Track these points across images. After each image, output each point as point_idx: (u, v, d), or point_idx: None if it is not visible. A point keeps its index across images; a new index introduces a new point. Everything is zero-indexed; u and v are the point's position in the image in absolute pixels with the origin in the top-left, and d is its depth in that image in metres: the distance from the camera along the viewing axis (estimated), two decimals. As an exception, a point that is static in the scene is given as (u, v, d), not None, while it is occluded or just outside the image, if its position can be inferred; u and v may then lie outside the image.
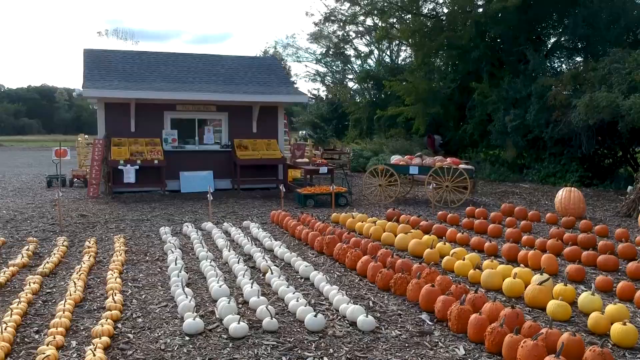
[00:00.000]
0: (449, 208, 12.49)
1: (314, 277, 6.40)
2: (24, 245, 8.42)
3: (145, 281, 6.56)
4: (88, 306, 5.63)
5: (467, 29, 20.74)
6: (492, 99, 20.01)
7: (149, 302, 5.80)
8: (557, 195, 11.66)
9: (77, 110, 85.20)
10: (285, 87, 15.98)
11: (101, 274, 6.83)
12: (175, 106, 14.75)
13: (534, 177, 18.60)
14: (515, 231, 9.07)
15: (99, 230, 9.77)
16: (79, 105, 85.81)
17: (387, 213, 10.96)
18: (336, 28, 36.44)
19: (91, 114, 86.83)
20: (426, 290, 5.60)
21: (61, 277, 6.72)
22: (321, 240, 8.11)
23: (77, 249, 8.24)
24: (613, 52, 15.97)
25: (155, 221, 10.60)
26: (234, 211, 11.87)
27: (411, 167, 13.40)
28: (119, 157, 13.58)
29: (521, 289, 6.10)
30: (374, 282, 6.49)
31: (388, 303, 5.83)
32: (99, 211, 11.79)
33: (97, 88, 13.70)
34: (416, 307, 5.69)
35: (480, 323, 4.83)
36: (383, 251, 7.29)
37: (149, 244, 8.64)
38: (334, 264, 7.48)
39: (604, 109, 14.21)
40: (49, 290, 6.14)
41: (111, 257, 7.66)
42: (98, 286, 6.33)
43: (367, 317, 5.09)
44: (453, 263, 7.10)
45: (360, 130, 29.08)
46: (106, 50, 16.31)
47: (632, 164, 19.05)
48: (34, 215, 11.13)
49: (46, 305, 5.68)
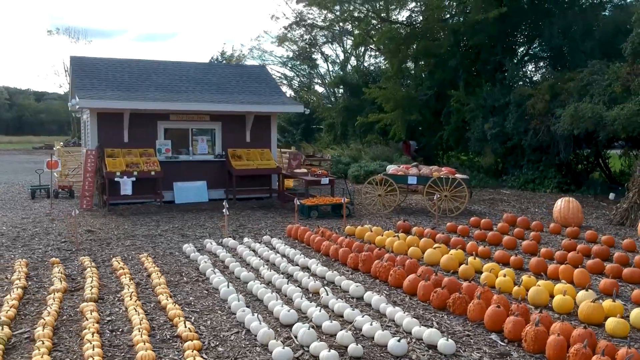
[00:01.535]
0: (447, 217, 12.82)
1: (371, 298, 6.50)
2: (47, 267, 8.21)
3: (200, 305, 6.51)
4: (159, 335, 5.57)
5: (445, 37, 21.24)
6: (470, 107, 20.54)
7: (218, 328, 5.78)
8: (555, 205, 12.12)
9: (19, 110, 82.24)
10: (279, 97, 15.99)
11: (149, 298, 6.75)
12: (169, 116, 14.56)
13: (513, 183, 19.20)
14: (532, 243, 9.43)
15: (115, 247, 9.58)
16: (20, 105, 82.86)
17: (398, 225, 11.16)
18: (303, 32, 36.61)
19: (33, 114, 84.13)
20: (493, 311, 5.79)
21: (110, 302, 6.60)
22: (355, 257, 8.21)
23: (105, 270, 8.07)
24: (592, 64, 16.66)
25: (168, 237, 10.47)
26: (242, 224, 11.83)
27: (410, 177, 13.66)
28: (115, 168, 13.32)
29: (571, 306, 6.38)
30: (426, 301, 6.65)
31: (451, 324, 5.99)
32: (103, 225, 11.54)
33: (92, 98, 13.38)
34: (480, 327, 5.88)
35: (559, 344, 5.05)
36: (424, 268, 7.46)
37: (177, 262, 8.55)
38: (374, 282, 7.60)
39: (589, 119, 14.84)
40: (109, 318, 6.03)
41: (148, 279, 7.56)
42: (155, 312, 6.26)
43: (447, 340, 5.24)
44: (492, 279, 7.33)
45: (335, 136, 29.28)
46: (93, 57, 15.92)
47: (603, 169, 19.93)
48: (38, 232, 10.81)
49: (116, 335, 5.58)
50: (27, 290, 6.99)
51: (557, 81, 17.86)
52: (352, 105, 27.52)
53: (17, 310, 6.18)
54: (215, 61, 39.39)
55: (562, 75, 17.96)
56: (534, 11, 20.83)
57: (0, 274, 7.85)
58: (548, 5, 20.62)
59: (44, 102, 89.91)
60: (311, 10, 34.19)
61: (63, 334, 5.59)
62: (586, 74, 16.55)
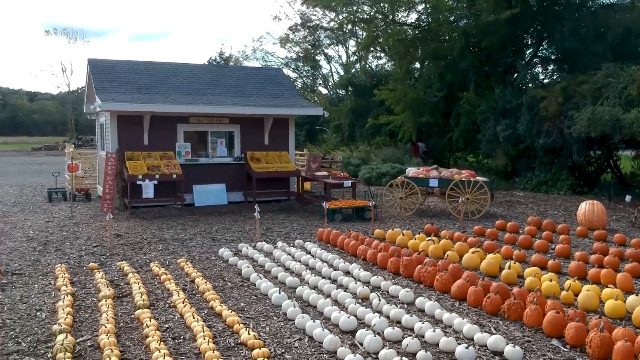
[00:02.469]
0: (469, 220, 12.87)
1: (424, 304, 6.52)
2: (86, 272, 8.19)
3: (254, 311, 6.51)
4: (223, 343, 5.56)
5: (457, 39, 21.31)
6: (481, 109, 20.62)
7: (279, 335, 5.78)
8: (579, 208, 12.18)
9: (12, 110, 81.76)
10: (297, 99, 16.00)
11: (200, 304, 6.74)
12: (188, 119, 14.53)
13: (526, 185, 19.28)
14: (565, 247, 9.48)
15: (148, 252, 9.55)
16: (13, 105, 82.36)
17: (426, 228, 11.18)
18: (306, 33, 36.65)
19: (27, 114, 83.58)
20: (552, 317, 5.82)
21: (162, 308, 6.59)
22: (395, 262, 8.23)
23: (146, 275, 8.05)
24: (606, 66, 16.76)
25: (199, 241, 10.45)
26: (268, 227, 11.82)
27: (431, 180, 13.68)
28: (136, 171, 13.27)
29: (623, 311, 6.42)
30: (477, 307, 6.68)
31: (508, 329, 6.02)
32: (130, 229, 11.51)
33: (114, 101, 13.34)
34: (538, 332, 5.90)
35: (627, 350, 5.09)
36: (469, 274, 7.48)
37: (216, 267, 8.54)
38: (418, 287, 7.62)
39: (606, 122, 14.93)
40: (167, 326, 6.02)
41: (192, 284, 7.56)
42: (210, 318, 6.26)
43: (514, 347, 5.26)
44: (536, 284, 7.36)
45: (342, 137, 29.30)
46: (110, 60, 15.85)
47: (614, 170, 20.05)
48: (67, 236, 10.77)
49: (179, 343, 5.57)
50: (75, 296, 6.96)
51: (569, 84, 17.93)
52: (359, 107, 27.57)
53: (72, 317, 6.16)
54: (213, 62, 39.30)
55: (575, 78, 18.03)
56: (543, 13, 20.93)
57: (42, 279, 7.83)
58: (558, 8, 20.71)
59: (38, 103, 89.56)
60: (315, 12, 34.30)
61: (125, 342, 5.58)
62: (600, 76, 16.64)
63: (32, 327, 5.94)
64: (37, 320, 6.15)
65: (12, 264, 8.64)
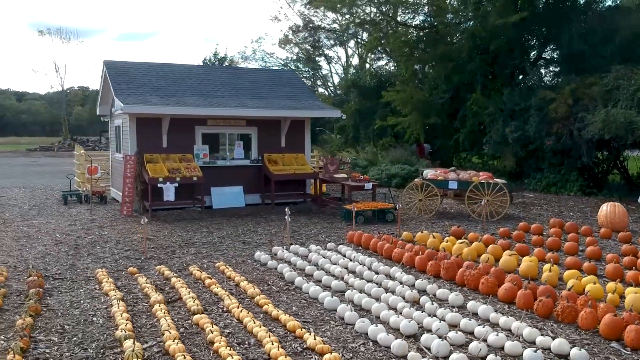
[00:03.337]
0: (489, 222, 12.97)
1: (476, 307, 6.59)
2: (127, 277, 8.18)
3: (308, 315, 6.55)
4: (289, 348, 5.60)
5: (464, 41, 21.43)
6: (489, 110, 20.75)
7: (342, 339, 5.83)
8: (601, 210, 12.32)
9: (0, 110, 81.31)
10: (313, 101, 16.04)
11: (252, 308, 6.76)
12: (206, 121, 14.52)
13: (535, 186, 19.44)
14: (595, 249, 9.60)
15: (182, 256, 9.56)
16: (1, 105, 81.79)
17: (452, 230, 11.27)
18: (307, 34, 36.69)
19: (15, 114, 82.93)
20: (610, 320, 5.91)
21: (216, 313, 6.61)
22: (435, 264, 8.30)
23: (188, 279, 8.06)
24: (616, 69, 16.94)
25: (229, 244, 10.47)
26: (294, 230, 11.83)
27: (450, 182, 13.78)
28: (157, 174, 13.25)
29: (672, 313, 6.52)
30: (527, 310, 6.76)
31: (563, 332, 6.11)
32: (156, 233, 11.50)
33: (135, 104, 13.31)
34: (594, 335, 5.99)
35: (693, 353, 5.20)
36: (513, 276, 7.56)
37: (255, 271, 8.56)
38: (461, 290, 7.69)
39: (620, 124, 15.10)
40: (228, 331, 6.04)
41: (237, 288, 7.58)
42: (268, 323, 6.28)
43: (580, 350, 5.35)
44: (581, 287, 7.45)
45: (346, 138, 29.37)
46: (125, 62, 15.79)
47: (621, 171, 20.27)
48: (95, 240, 10.74)
49: (246, 348, 5.60)
50: (125, 301, 6.96)
51: (578, 86, 18.10)
52: (364, 108, 27.64)
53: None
54: (208, 62, 39.24)
55: (584, 80, 18.20)
56: (551, 16, 21.10)
57: (86, 283, 7.82)
58: (565, 10, 20.89)
59: (26, 102, 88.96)
60: (316, 13, 34.35)
61: (191, 347, 5.60)
62: (611, 79, 16.82)
63: (94, 333, 5.94)
64: (96, 326, 6.15)
65: (49, 268, 8.61)
